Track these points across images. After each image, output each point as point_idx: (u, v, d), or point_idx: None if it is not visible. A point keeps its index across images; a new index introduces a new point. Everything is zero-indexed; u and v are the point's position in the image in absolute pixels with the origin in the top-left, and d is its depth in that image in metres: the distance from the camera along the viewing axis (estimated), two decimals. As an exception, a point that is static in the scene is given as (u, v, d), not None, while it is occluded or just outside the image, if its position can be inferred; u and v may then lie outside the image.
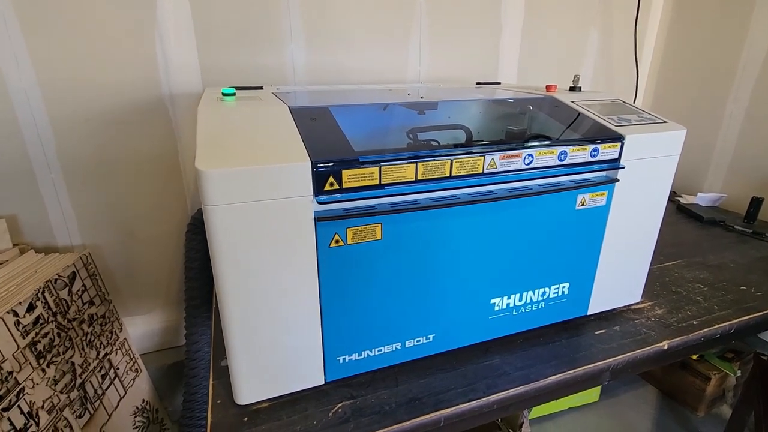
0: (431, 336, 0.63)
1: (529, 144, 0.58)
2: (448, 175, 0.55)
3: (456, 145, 0.64)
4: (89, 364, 0.95)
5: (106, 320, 1.03)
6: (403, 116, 0.73)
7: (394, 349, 0.61)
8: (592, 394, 1.30)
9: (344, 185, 0.50)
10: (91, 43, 0.93)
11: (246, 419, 0.55)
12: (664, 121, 0.69)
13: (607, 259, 0.70)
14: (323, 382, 0.59)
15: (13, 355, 0.78)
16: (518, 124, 0.76)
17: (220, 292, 0.49)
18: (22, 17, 0.88)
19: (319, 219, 0.50)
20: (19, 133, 0.94)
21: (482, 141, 0.77)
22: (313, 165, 0.48)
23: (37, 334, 0.83)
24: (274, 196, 0.47)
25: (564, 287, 0.69)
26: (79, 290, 0.96)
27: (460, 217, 0.57)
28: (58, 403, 0.85)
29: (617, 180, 0.65)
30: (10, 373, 0.77)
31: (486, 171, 0.57)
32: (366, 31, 1.10)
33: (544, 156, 0.59)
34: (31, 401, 0.79)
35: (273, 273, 0.50)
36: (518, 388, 0.61)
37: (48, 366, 0.85)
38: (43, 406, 0.82)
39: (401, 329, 0.60)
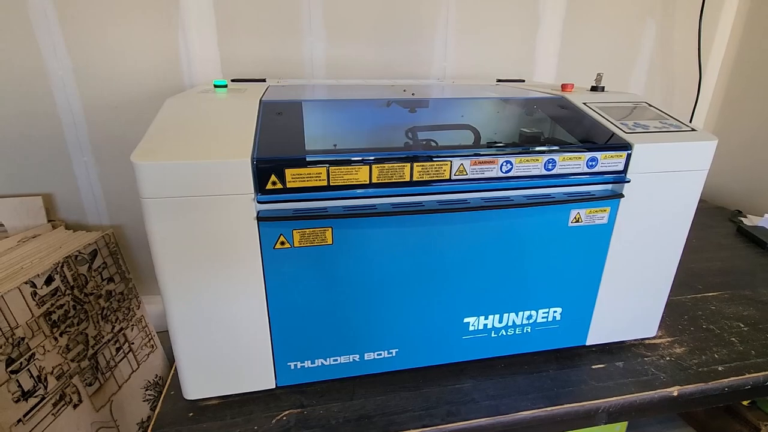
0: (394, 351, 0.59)
1: (505, 150, 0.51)
2: (408, 179, 0.50)
3: (426, 148, 0.59)
4: (103, 337, 1.02)
5: (124, 297, 1.09)
6: (392, 114, 0.68)
7: (351, 360, 0.58)
8: (616, 428, 1.17)
9: (288, 185, 0.47)
10: (119, 34, 0.98)
11: (191, 414, 0.55)
12: (693, 129, 0.59)
13: (611, 285, 0.62)
14: (274, 386, 0.57)
15: (26, 322, 0.84)
16: (533, 126, 0.69)
17: (160, 287, 0.49)
18: (59, 9, 0.94)
19: (262, 219, 0.47)
20: (56, 117, 1.02)
21: (498, 143, 0.70)
22: (254, 162, 0.45)
23: (52, 305, 0.90)
24: (211, 192, 0.45)
25: (555, 312, 0.62)
26: (99, 267, 1.03)
27: (426, 225, 0.52)
28: (68, 370, 0.92)
29: (621, 195, 0.56)
30: (23, 339, 0.83)
31: (454, 178, 0.51)
32: (388, 24, 1.06)
33: (526, 164, 0.52)
34: (40, 366, 0.86)
35: (214, 271, 0.49)
36: (482, 419, 0.55)
37: (61, 335, 0.91)
38: (52, 372, 0.88)
39: (359, 340, 0.57)
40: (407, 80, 0.98)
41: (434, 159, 0.49)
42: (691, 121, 1.29)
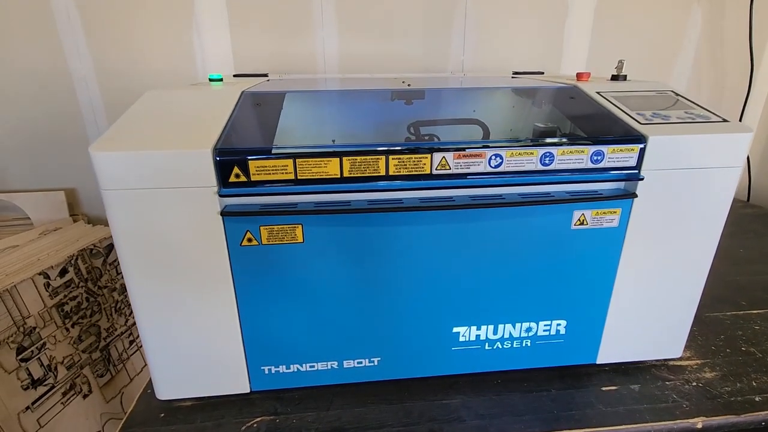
0: (376, 360, 0.54)
1: (494, 142, 0.46)
2: (383, 174, 0.46)
3: (413, 141, 0.54)
4: (116, 330, 1.04)
5: (139, 291, 1.11)
6: (392, 107, 0.64)
7: (329, 367, 0.54)
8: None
9: (253, 178, 0.44)
10: (138, 35, 1.00)
11: (162, 415, 0.53)
12: (724, 120, 0.51)
13: (625, 298, 0.54)
14: (248, 390, 0.54)
15: (38, 312, 0.87)
16: (549, 120, 0.63)
17: (126, 282, 0.47)
18: (82, 11, 0.98)
19: (226, 214, 0.45)
20: (79, 114, 1.06)
21: (517, 139, 0.65)
22: (215, 153, 0.43)
23: (65, 296, 0.92)
24: (172, 184, 0.43)
25: (559, 325, 0.55)
26: (114, 261, 1.05)
27: (407, 224, 0.48)
28: (78, 360, 0.94)
29: (635, 195, 0.49)
30: (34, 328, 0.86)
31: (436, 172, 0.46)
32: (403, 16, 1.02)
33: (519, 158, 0.46)
34: (51, 356, 0.88)
35: (180, 267, 0.47)
36: (466, 441, 0.49)
37: (73, 326, 0.94)
38: (62, 362, 0.91)
39: (337, 347, 0.53)
40: (418, 74, 0.94)
41: (412, 152, 0.45)
42: (741, 118, 1.16)
